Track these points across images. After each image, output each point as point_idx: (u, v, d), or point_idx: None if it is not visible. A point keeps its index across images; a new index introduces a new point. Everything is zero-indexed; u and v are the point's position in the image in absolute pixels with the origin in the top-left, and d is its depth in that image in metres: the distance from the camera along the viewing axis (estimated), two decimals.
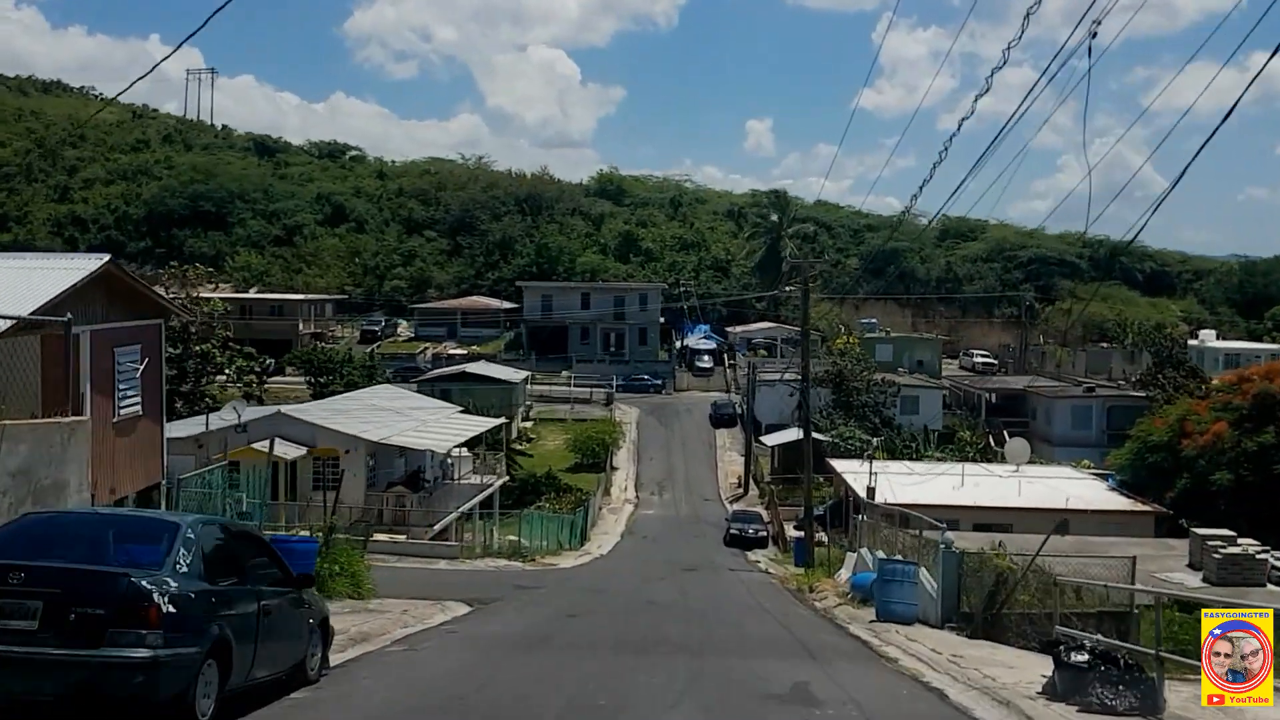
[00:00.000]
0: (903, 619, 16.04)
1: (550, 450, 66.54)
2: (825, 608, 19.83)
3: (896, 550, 20.21)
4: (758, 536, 45.72)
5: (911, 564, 16.61)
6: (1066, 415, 66.27)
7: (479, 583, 23.12)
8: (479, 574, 26.07)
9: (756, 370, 66.99)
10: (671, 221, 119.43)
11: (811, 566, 28.80)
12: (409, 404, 40.09)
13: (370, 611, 14.50)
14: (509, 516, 41.47)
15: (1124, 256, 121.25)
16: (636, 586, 22.79)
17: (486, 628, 14.39)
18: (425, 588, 20.48)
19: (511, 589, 21.73)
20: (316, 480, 32.58)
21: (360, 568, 16.39)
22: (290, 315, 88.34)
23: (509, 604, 18.47)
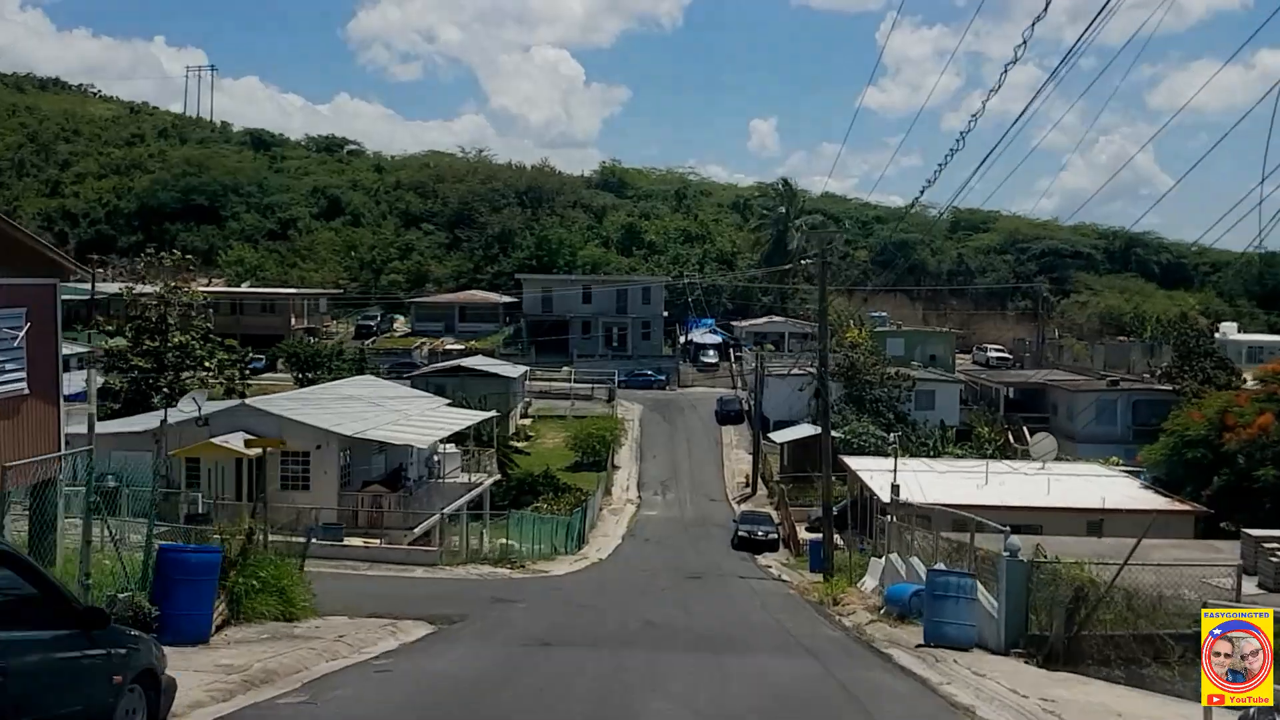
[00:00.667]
0: (957, 643, 13.14)
1: (549, 448, 63.71)
2: (856, 625, 16.88)
3: (936, 558, 17.26)
4: (768, 539, 42.80)
5: (969, 576, 13.67)
6: (1090, 410, 63.17)
7: (453, 595, 20.28)
8: (458, 583, 23.20)
9: (764, 363, 63.98)
10: (675, 214, 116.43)
11: (831, 573, 25.87)
12: (391, 396, 37.19)
13: (295, 638, 11.59)
14: (504, 518, 38.58)
15: (1139, 248, 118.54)
16: (633, 600, 19.89)
17: (433, 664, 11.41)
18: (386, 602, 17.64)
19: (488, 602, 18.85)
20: (285, 478, 29.73)
21: (293, 580, 13.49)
22: (282, 310, 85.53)
23: (477, 624, 15.58)
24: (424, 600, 18.98)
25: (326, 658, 10.60)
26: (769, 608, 19.51)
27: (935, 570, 14.64)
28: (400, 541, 28.27)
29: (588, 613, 17.34)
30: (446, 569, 25.38)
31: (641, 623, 16.33)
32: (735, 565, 34.09)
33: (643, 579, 25.29)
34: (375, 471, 32.05)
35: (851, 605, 18.82)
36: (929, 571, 14.60)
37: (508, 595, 20.02)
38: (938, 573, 14.27)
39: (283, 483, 29.65)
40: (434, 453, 36.00)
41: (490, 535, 36.98)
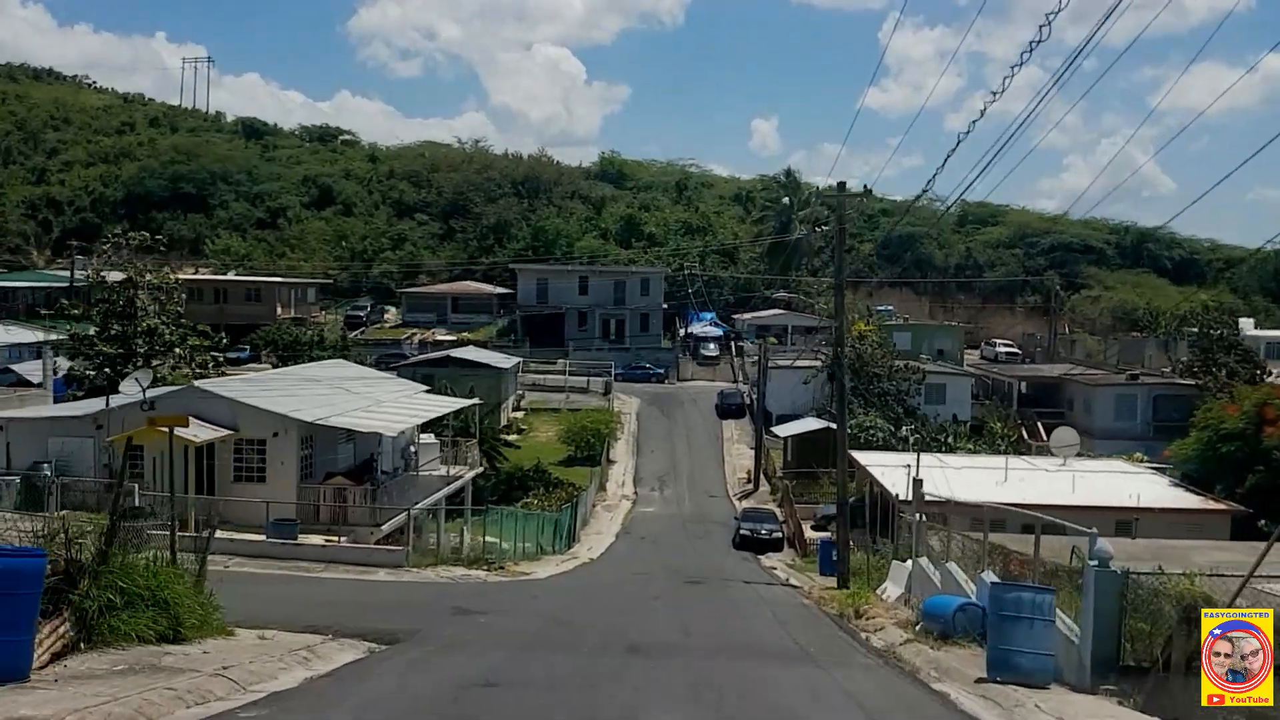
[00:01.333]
0: (1031, 678, 10.28)
1: (542, 442, 60.84)
2: (889, 647, 13.97)
3: (982, 563, 14.38)
4: (772, 538, 39.92)
5: (1046, 592, 10.74)
6: (1109, 405, 60.49)
7: (410, 603, 17.49)
8: (422, 589, 20.34)
9: (768, 354, 61.06)
10: (676, 205, 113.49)
11: (847, 578, 22.99)
12: (363, 381, 34.26)
13: (160, 671, 8.71)
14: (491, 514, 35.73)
15: (1151, 244, 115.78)
16: (621, 612, 16.93)
17: (330, 713, 8.42)
18: (330, 612, 14.85)
19: (448, 614, 16.00)
20: (239, 469, 26.86)
21: (180, 590, 10.60)
22: (268, 299, 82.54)
23: (420, 647, 12.68)
24: (374, 610, 16.18)
25: (189, 702, 7.73)
26: (783, 623, 16.54)
27: (1002, 584, 11.70)
28: (367, 539, 25.40)
29: (561, 632, 14.40)
30: (414, 571, 22.53)
31: (626, 647, 13.06)
32: (737, 567, 31.20)
33: (635, 584, 22.41)
34: (343, 462, 29.18)
35: (878, 619, 15.94)
36: (993, 585, 11.67)
37: (474, 605, 17.12)
38: (1006, 586, 11.34)
39: (236, 474, 26.79)
40: (411, 443, 33.14)
41: (472, 533, 34.20)
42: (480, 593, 19.83)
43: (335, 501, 26.12)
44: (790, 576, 28.02)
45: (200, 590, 11.83)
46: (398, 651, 12.21)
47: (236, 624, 14.18)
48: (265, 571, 21.66)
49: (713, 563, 32.20)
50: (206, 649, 10.13)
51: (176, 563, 13.16)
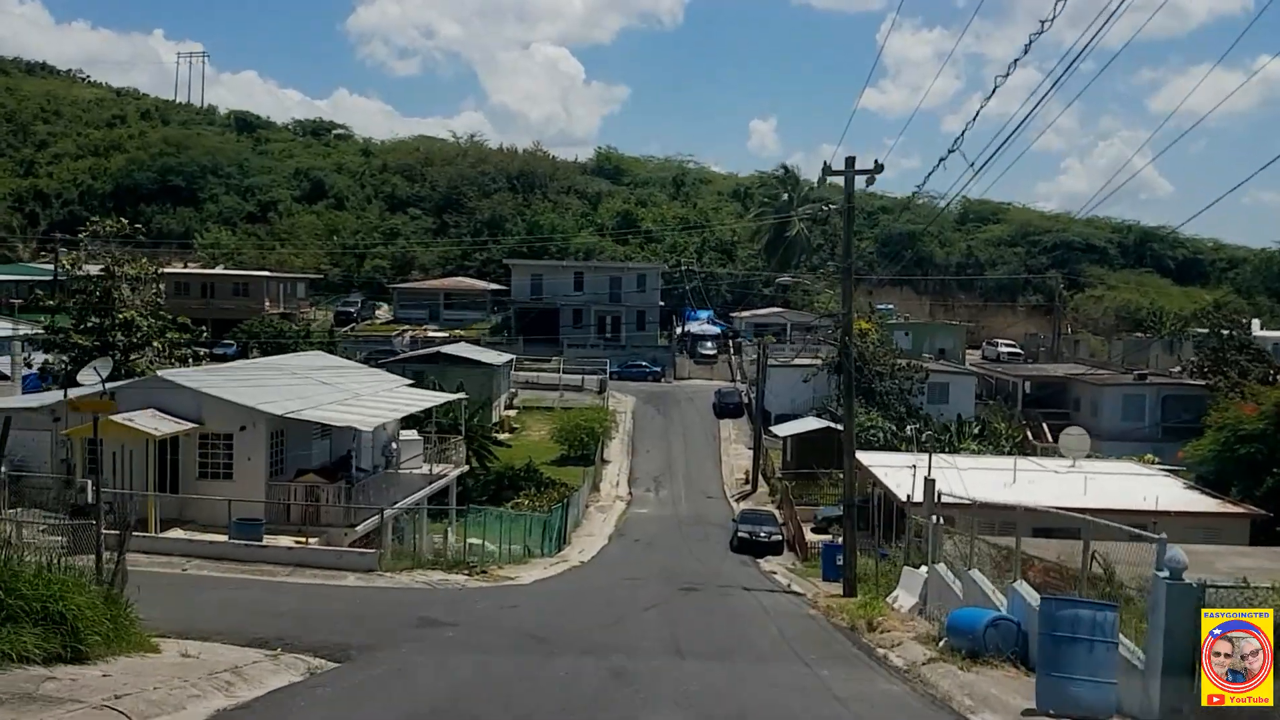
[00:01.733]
0: (1092, 711, 8.68)
1: (534, 441, 59.28)
2: (910, 665, 12.32)
3: (1011, 574, 12.76)
4: (771, 541, 38.28)
5: (1109, 608, 9.08)
6: (1116, 406, 58.98)
7: (373, 614, 15.84)
8: (391, 596, 18.66)
9: (767, 352, 59.44)
10: (673, 202, 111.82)
11: (853, 585, 21.35)
12: (342, 373, 32.57)
13: (31, 701, 7.05)
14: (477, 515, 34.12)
15: (1154, 243, 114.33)
16: (606, 626, 15.13)
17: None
18: (283, 623, 13.30)
19: (412, 626, 14.32)
20: (204, 465, 25.20)
21: (80, 601, 8.93)
22: (256, 294, 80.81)
23: (369, 668, 11.02)
24: (333, 620, 14.55)
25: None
26: (790, 638, 14.81)
27: (1056, 598, 10.01)
28: (340, 541, 23.73)
29: (533, 650, 12.66)
30: (387, 576, 20.85)
31: (610, 672, 11.27)
32: (736, 571, 29.54)
33: (625, 591, 20.74)
34: (317, 459, 27.52)
35: (894, 632, 14.30)
36: (1045, 600, 10.03)
37: (445, 615, 15.43)
38: (1061, 602, 9.67)
39: (201, 470, 25.12)
40: (392, 440, 31.46)
41: (456, 535, 32.60)
42: (455, 601, 18.15)
43: (307, 500, 24.45)
44: (792, 582, 26.36)
45: (115, 600, 10.16)
46: (341, 674, 10.58)
47: (180, 635, 12.57)
48: (225, 575, 20.01)
49: (710, 566, 30.56)
50: (109, 671, 8.50)
51: (102, 566, 11.52)
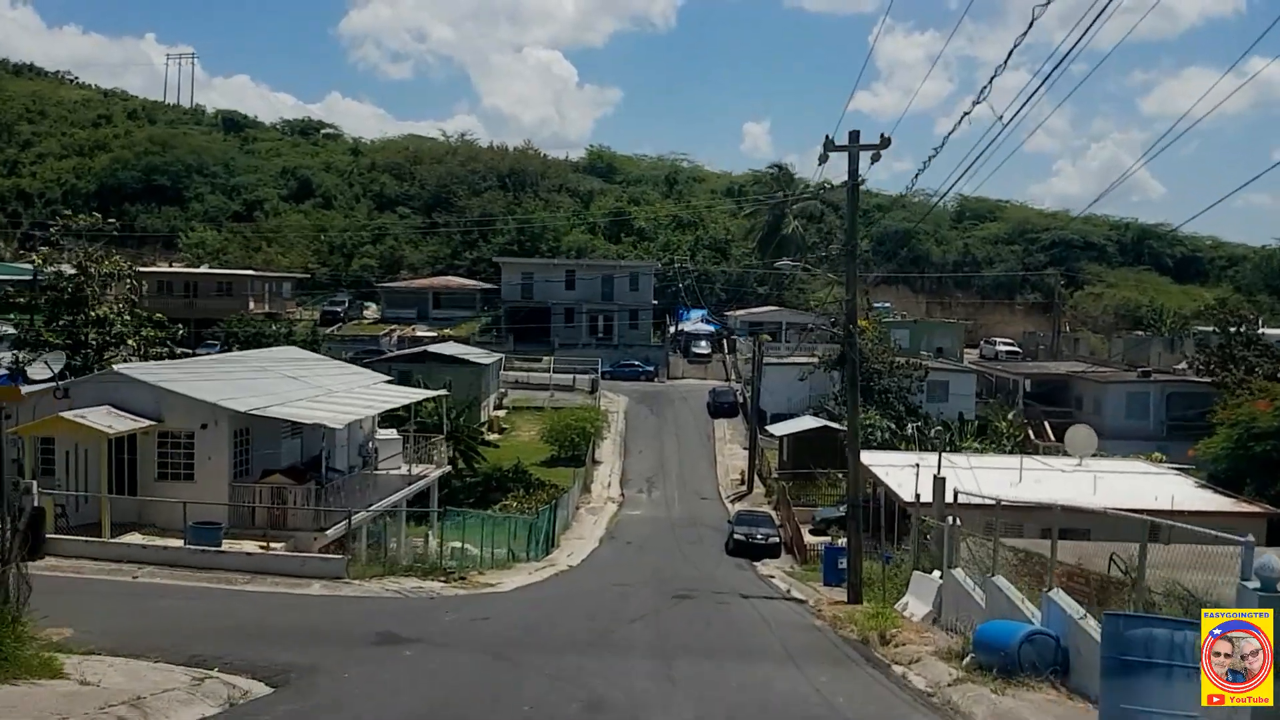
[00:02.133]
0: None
1: (524, 441, 57.70)
2: (933, 687, 10.79)
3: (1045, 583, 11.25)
4: (769, 544, 36.78)
5: (1187, 626, 7.53)
6: (1120, 403, 57.61)
7: (330, 628, 14.29)
8: (356, 607, 17.09)
9: (763, 350, 57.91)
10: (666, 200, 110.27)
11: (859, 590, 19.79)
12: (316, 369, 30.90)
13: None
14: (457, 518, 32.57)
15: (1152, 240, 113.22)
16: (588, 643, 13.43)
17: None
18: (220, 638, 11.89)
19: (368, 644, 12.73)
20: (163, 466, 23.57)
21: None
22: (240, 294, 79.12)
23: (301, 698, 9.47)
24: (284, 636, 13.01)
25: None
26: (795, 654, 13.15)
27: (1127, 616, 8.44)
28: (309, 546, 22.13)
29: (499, 675, 10.99)
30: (356, 584, 19.26)
31: (582, 708, 9.68)
32: (732, 576, 27.96)
33: (613, 599, 19.13)
34: (287, 459, 25.89)
35: (910, 646, 12.77)
36: (1110, 617, 8.43)
37: (408, 630, 13.81)
38: (1132, 620, 8.05)
39: (160, 471, 23.49)
40: (369, 439, 29.89)
41: (438, 538, 31.04)
42: (425, 612, 16.54)
43: (273, 503, 22.84)
44: (791, 587, 24.79)
45: (5, 618, 8.59)
46: (266, 705, 9.07)
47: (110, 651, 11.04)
48: (178, 583, 18.43)
49: (704, 571, 29.01)
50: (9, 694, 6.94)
51: (7, 580, 9.96)
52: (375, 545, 27.37)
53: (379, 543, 27.87)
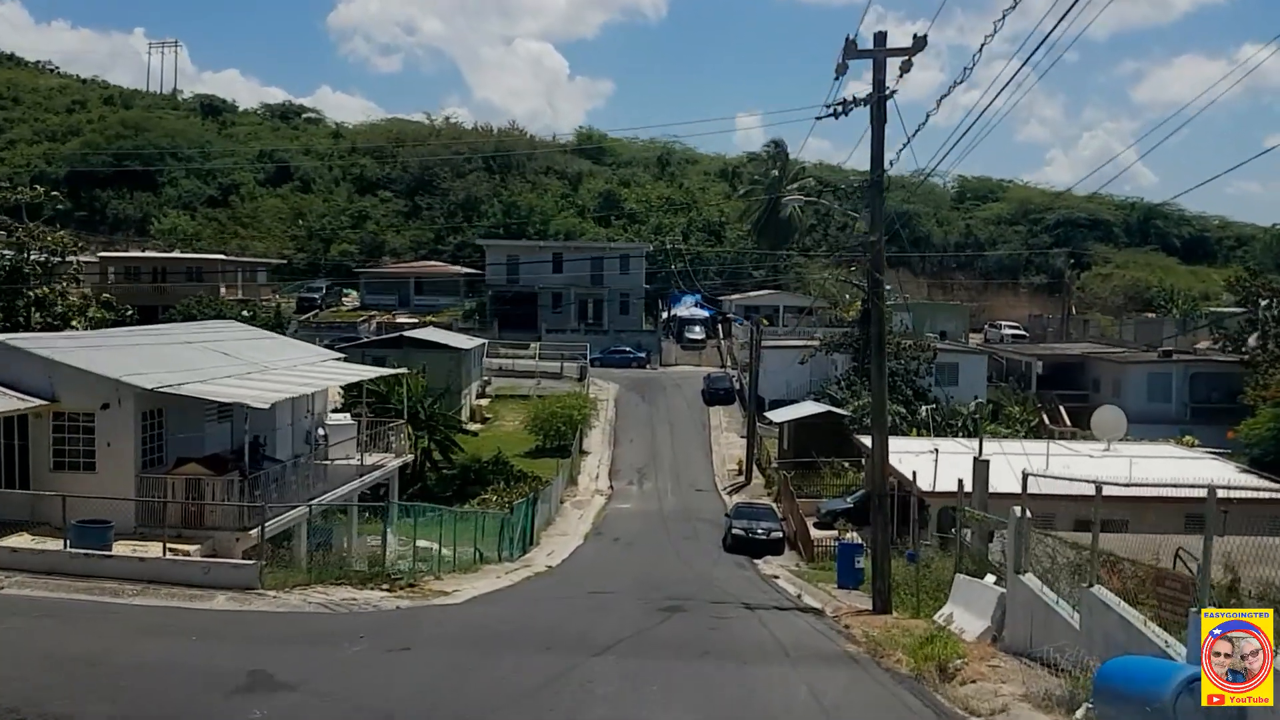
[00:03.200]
0: None
1: (508, 431, 54.14)
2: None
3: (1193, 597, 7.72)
4: (770, 539, 33.27)
5: None
6: (1140, 385, 54.12)
7: (189, 662, 10.72)
8: (255, 626, 13.51)
9: (761, 332, 54.26)
10: (658, 182, 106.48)
11: (886, 598, 16.25)
12: (255, 345, 27.16)
13: None
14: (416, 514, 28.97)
15: (1159, 220, 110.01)
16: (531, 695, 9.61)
17: None
18: (32, 679, 8.30)
19: (222, 692, 9.12)
20: (60, 454, 19.94)
21: None
22: (210, 280, 75.20)
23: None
24: (119, 678, 9.54)
25: None
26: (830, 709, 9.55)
27: None
28: (230, 548, 18.53)
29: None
30: (272, 595, 15.66)
31: None
32: (732, 577, 24.38)
33: (586, 614, 15.40)
34: (214, 445, 22.24)
35: (985, 684, 9.28)
36: None
37: (289, 670, 10.06)
38: None
39: (57, 459, 19.83)
40: (319, 424, 26.31)
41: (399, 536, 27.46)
42: (334, 637, 12.72)
43: (188, 497, 19.24)
44: (803, 593, 21.19)
45: None
46: None
47: None
48: (48, 595, 14.85)
49: (699, 571, 25.48)
50: None
51: None
52: (323, 547, 23.78)
53: (327, 544, 24.26)
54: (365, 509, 26.17)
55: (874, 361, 16.44)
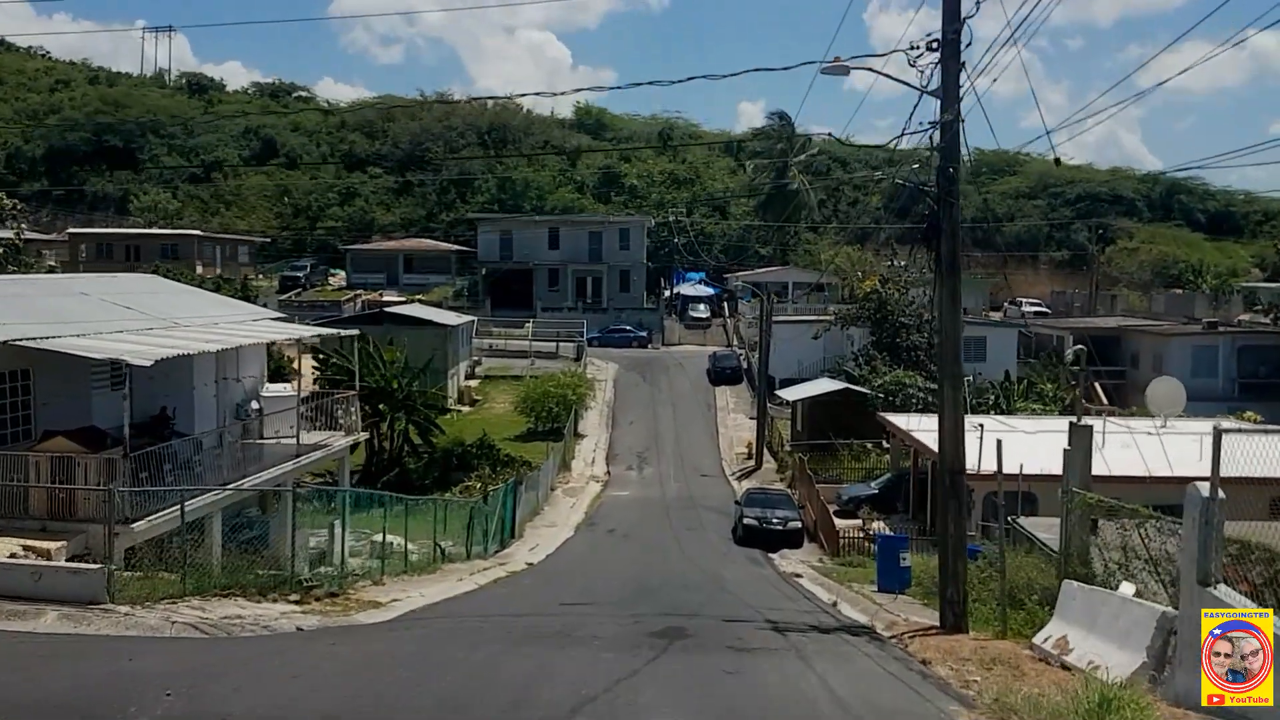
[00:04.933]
0: None
1: (498, 414, 50.03)
2: None
3: None
4: (788, 529, 29.10)
5: None
6: (1185, 359, 49.69)
7: None
8: (61, 662, 9.30)
9: (772, 305, 49.79)
10: (660, 157, 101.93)
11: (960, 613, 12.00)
12: (176, 299, 22.77)
13: None
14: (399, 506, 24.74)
15: (1183, 195, 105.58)
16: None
17: None
18: None
19: None
20: None
21: None
22: (186, 256, 71.15)
23: None
24: None
25: None
26: None
27: None
28: (99, 544, 14.32)
29: None
30: (123, 611, 11.38)
31: None
32: (746, 578, 20.09)
33: (547, 643, 10.86)
34: (104, 417, 17.97)
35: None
36: None
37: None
38: None
39: None
40: (253, 396, 22.10)
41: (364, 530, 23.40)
42: (157, 683, 8.46)
43: (55, 481, 15.06)
44: (838, 599, 16.83)
45: None
46: None
47: None
48: None
49: (707, 570, 21.25)
50: None
51: None
52: (257, 544, 19.49)
53: (264, 540, 19.99)
54: (314, 497, 21.90)
55: (941, 292, 12.22)
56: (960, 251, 12.67)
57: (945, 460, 12.36)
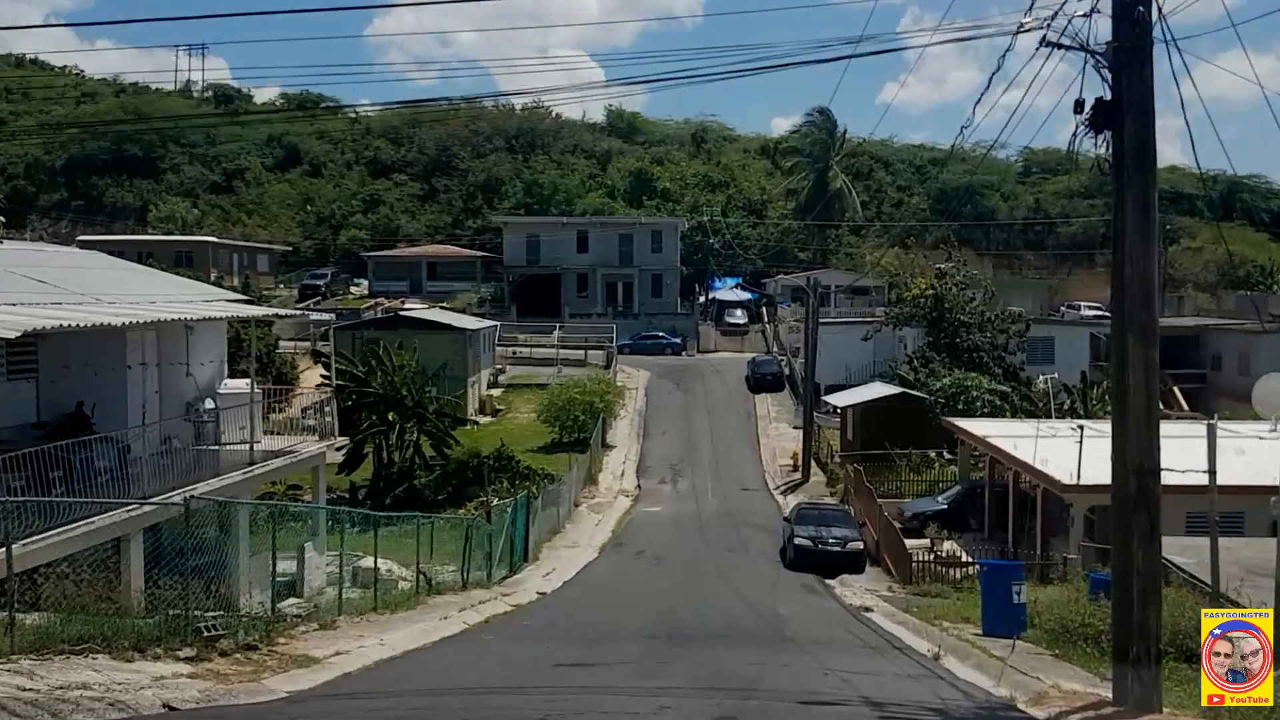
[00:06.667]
0: None
1: (522, 424, 46.45)
2: None
3: None
4: (848, 550, 25.07)
5: None
6: (1273, 359, 44.95)
7: None
8: None
9: (817, 309, 45.48)
10: (694, 160, 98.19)
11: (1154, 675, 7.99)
12: (104, 274, 19.19)
13: None
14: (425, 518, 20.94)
15: (1245, 194, 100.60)
16: None
17: None
18: None
19: None
20: None
21: None
22: (201, 264, 68.13)
23: None
24: None
25: None
26: None
27: None
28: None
29: None
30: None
31: None
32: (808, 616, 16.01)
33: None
34: (9, 414, 14.36)
35: None
36: None
37: None
38: None
39: None
40: (206, 394, 18.45)
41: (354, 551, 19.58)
42: None
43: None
44: (939, 648, 12.62)
45: None
46: None
47: None
48: None
49: (756, 604, 17.25)
50: None
51: None
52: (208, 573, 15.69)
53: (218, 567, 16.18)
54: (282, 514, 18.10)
55: (1125, 199, 8.14)
56: (1154, 137, 8.45)
57: (1128, 457, 8.30)
